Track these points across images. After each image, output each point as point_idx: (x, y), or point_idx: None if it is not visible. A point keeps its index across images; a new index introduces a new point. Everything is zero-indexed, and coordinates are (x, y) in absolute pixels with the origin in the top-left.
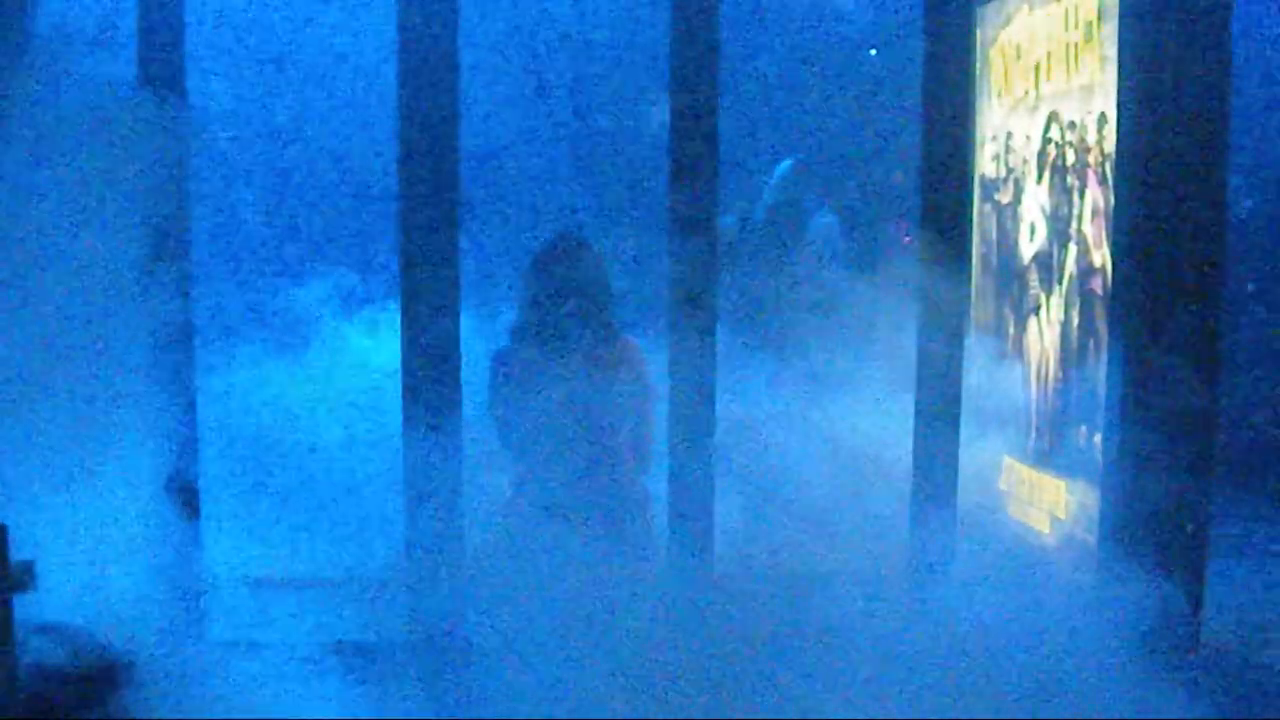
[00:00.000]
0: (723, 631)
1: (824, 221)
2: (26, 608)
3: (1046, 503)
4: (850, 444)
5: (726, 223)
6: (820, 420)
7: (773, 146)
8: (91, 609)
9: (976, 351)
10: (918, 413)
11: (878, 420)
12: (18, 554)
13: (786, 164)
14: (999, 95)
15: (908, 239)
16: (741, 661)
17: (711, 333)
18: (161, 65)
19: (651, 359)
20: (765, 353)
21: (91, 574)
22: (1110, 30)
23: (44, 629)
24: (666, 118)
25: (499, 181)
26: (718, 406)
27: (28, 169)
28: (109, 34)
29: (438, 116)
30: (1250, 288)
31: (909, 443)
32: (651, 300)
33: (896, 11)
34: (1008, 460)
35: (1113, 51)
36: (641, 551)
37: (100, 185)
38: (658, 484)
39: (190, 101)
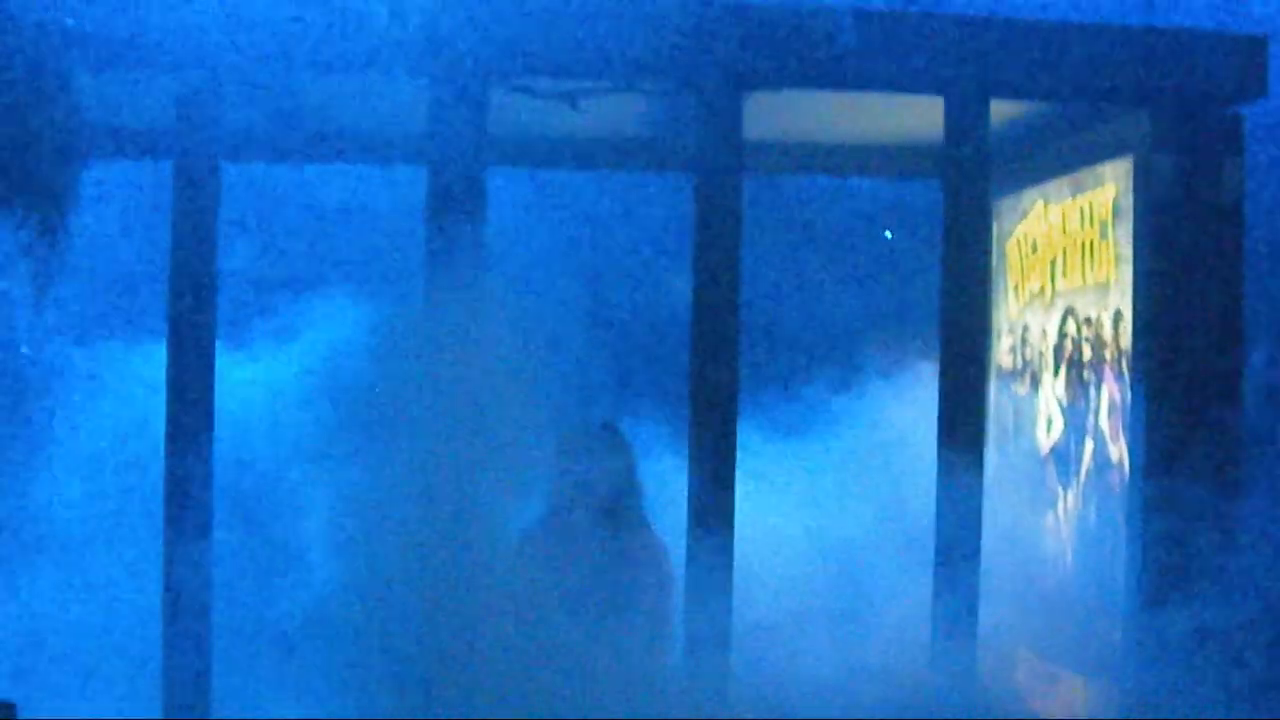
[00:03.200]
0: None
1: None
2: None
3: (1064, 698)
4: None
5: None
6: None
7: (792, 325)
8: None
9: (993, 542)
10: (935, 597)
11: (895, 610)
12: None
13: None
14: (1016, 289)
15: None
16: None
17: (730, 525)
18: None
19: (672, 548)
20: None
21: None
22: (1125, 229)
23: None
24: (689, 295)
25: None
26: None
27: None
28: None
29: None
30: None
31: (927, 630)
32: (673, 480)
33: (915, 196)
34: (1025, 653)
35: (1128, 250)
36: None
37: None
38: None
39: None
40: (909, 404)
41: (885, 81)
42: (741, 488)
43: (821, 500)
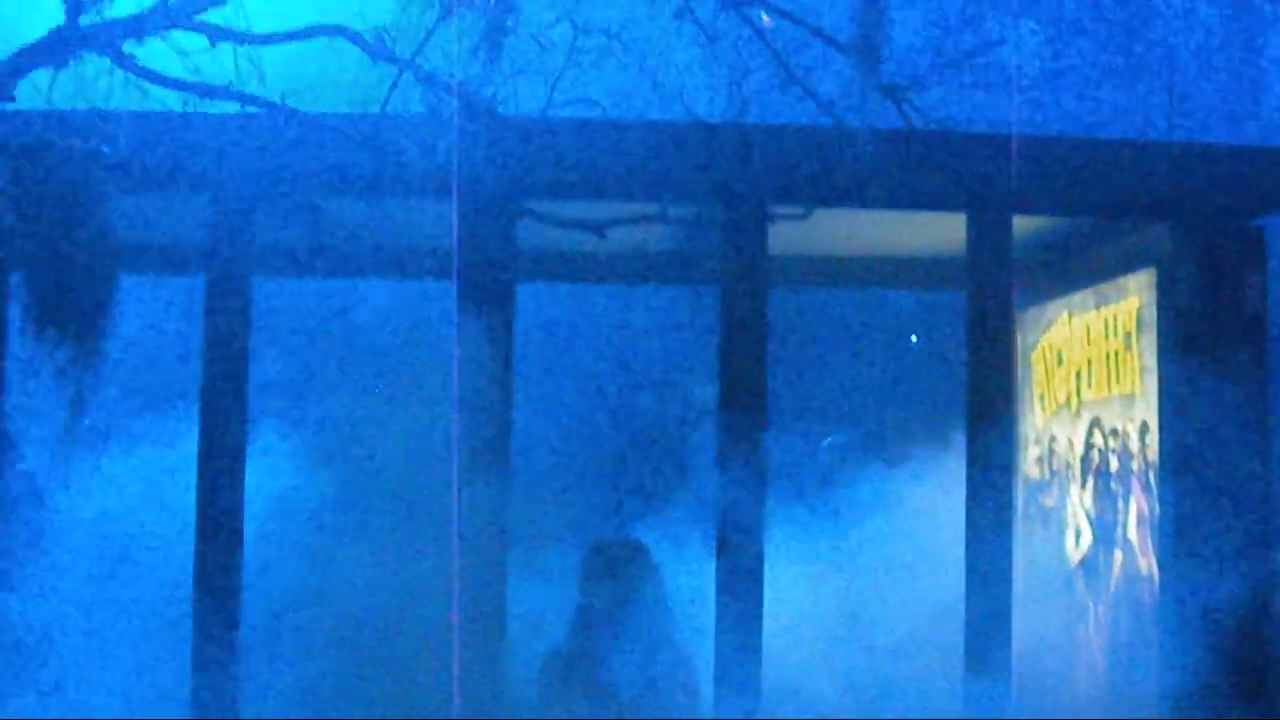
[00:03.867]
0: None
1: None
2: None
3: None
4: None
5: None
6: None
7: (816, 432)
8: None
9: (1023, 656)
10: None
11: None
12: None
13: None
14: (1042, 399)
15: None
16: None
17: (759, 633)
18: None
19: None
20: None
21: None
22: (1149, 340)
23: None
24: (714, 401)
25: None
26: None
27: None
28: None
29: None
30: None
31: None
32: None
33: (940, 301)
34: None
35: (1152, 361)
36: None
37: None
38: None
39: None
40: (935, 518)
41: (907, 199)
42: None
43: (847, 617)
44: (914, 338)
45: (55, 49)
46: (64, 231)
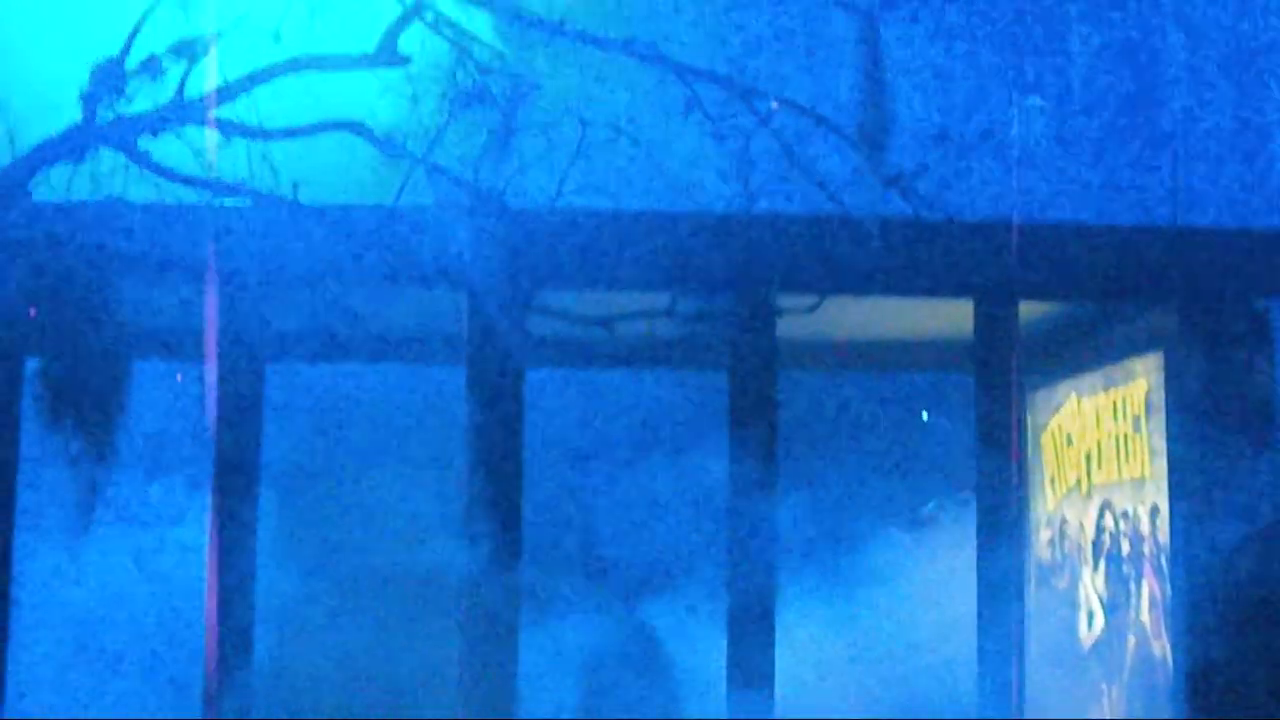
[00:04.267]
0: None
1: None
2: None
3: None
4: None
5: None
6: None
7: (829, 516)
8: None
9: None
10: None
11: None
12: None
13: None
14: (1053, 481)
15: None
16: None
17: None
18: None
19: None
20: None
21: None
22: (1158, 423)
23: None
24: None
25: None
26: None
27: None
28: None
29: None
30: None
31: None
32: None
33: (948, 381)
34: None
35: (1162, 445)
36: None
37: None
38: None
39: None
40: (946, 595)
41: (914, 286)
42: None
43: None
44: (925, 414)
45: (73, 145)
46: (79, 321)
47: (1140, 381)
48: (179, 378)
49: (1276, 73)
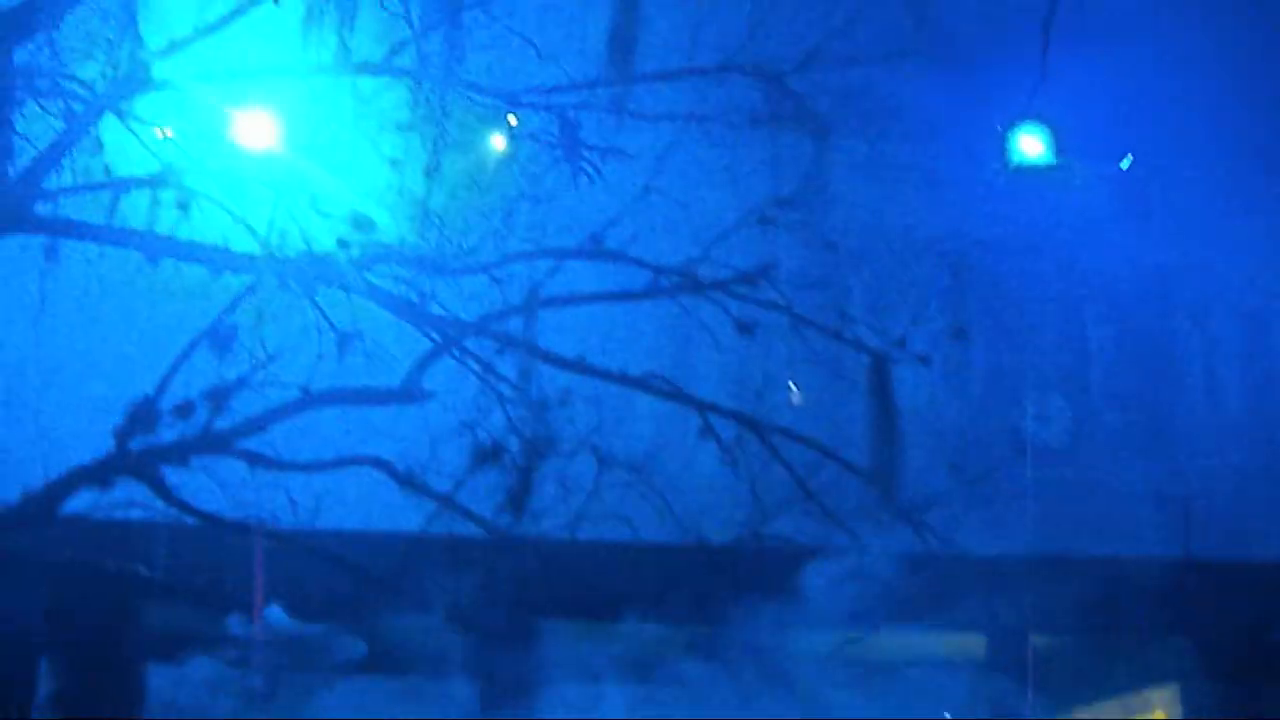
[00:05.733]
0: None
1: None
2: None
3: None
4: None
5: None
6: None
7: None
8: None
9: None
10: None
11: None
12: None
13: None
14: None
15: None
16: None
17: None
18: None
19: None
20: None
21: None
22: None
23: None
24: None
25: None
26: None
27: None
28: None
29: None
30: None
31: None
32: None
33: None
34: None
35: None
36: None
37: None
38: None
39: None
40: None
41: (926, 619)
42: None
43: None
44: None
45: (102, 475)
46: (98, 645)
47: (1158, 713)
48: None
49: None
